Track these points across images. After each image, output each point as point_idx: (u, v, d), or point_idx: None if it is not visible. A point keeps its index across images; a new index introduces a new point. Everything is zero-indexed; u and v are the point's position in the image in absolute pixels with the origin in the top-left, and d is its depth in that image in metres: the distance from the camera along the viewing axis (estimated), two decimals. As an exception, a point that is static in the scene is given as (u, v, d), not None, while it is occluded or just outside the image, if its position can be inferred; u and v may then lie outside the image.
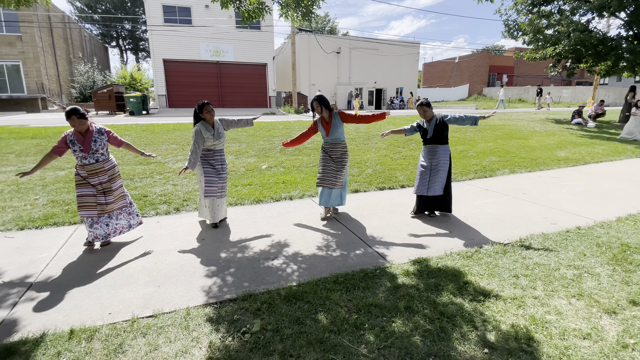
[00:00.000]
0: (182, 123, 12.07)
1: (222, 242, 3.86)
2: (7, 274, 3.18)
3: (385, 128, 11.70)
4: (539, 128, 13.20)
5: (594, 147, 10.00)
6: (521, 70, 44.39)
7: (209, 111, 4.11)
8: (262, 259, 3.46)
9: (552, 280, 3.01)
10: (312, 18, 5.27)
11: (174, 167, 6.99)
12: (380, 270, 3.17)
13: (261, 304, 2.63)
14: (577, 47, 14.24)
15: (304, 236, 4.03)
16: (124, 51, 50.92)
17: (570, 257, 3.41)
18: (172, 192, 5.58)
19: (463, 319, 2.47)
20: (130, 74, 29.08)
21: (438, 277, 3.05)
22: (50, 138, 8.96)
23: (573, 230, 4.10)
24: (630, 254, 3.47)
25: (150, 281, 3.01)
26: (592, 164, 8.05)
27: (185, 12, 22.97)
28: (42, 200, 5.14)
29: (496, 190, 5.90)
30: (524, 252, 3.53)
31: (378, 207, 5.03)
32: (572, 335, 2.34)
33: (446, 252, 3.55)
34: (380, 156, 8.31)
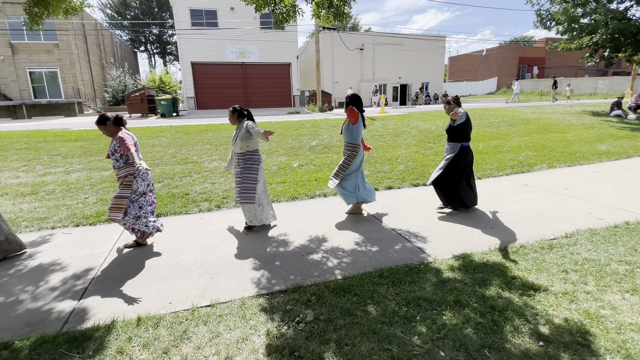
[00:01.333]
0: (213, 124, 12.42)
1: (265, 237, 4.00)
2: (71, 267, 3.43)
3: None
4: (576, 121, 12.70)
5: (637, 139, 9.54)
6: (553, 61, 42.65)
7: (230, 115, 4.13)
8: (305, 253, 3.57)
9: (604, 275, 2.95)
10: (343, 18, 5.31)
11: (210, 167, 7.24)
12: (424, 265, 3.21)
13: (310, 295, 2.73)
14: (616, 35, 13.57)
15: (342, 232, 4.11)
16: (152, 55, 52.70)
17: (621, 253, 3.32)
18: (211, 190, 5.79)
19: (514, 313, 2.47)
20: (159, 77, 30.14)
21: (484, 272, 3.05)
22: (92, 140, 9.46)
23: (621, 225, 3.98)
24: (686, 249, 3.34)
25: (203, 273, 3.18)
26: (635, 157, 7.70)
27: (212, 15, 23.53)
28: (92, 199, 5.47)
29: (535, 185, 5.77)
30: (572, 247, 3.47)
31: (414, 204, 5.04)
32: (629, 329, 2.30)
33: (490, 248, 3.53)
34: (411, 152, 8.27)
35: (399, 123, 12.05)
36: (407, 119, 13.15)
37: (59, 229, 4.40)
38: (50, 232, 4.32)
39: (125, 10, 46.55)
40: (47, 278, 3.23)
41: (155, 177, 6.51)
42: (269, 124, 12.24)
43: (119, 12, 46.14)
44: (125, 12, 46.51)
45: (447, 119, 12.70)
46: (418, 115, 13.98)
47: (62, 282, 3.15)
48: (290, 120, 13.55)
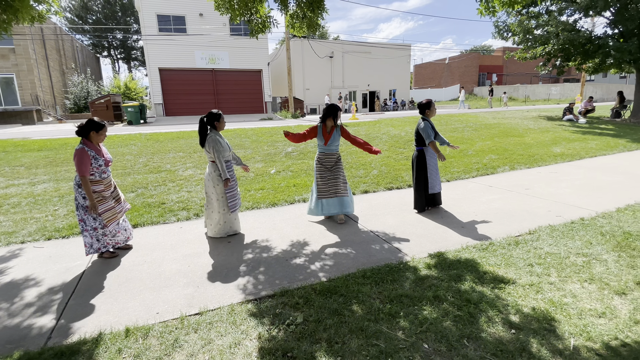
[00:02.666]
0: (184, 131, 12.20)
1: (248, 244, 4.03)
2: (48, 281, 3.31)
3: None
4: (533, 125, 13.56)
5: (587, 142, 10.35)
6: (510, 69, 45.19)
7: (224, 120, 4.10)
8: (289, 257, 3.64)
9: (564, 267, 3.23)
10: (316, 29, 5.46)
11: (184, 175, 7.13)
12: (403, 264, 3.37)
13: (298, 298, 2.81)
14: (566, 46, 14.68)
15: (324, 236, 4.21)
16: (116, 61, 50.82)
17: (578, 246, 3.64)
18: (188, 199, 5.72)
19: (488, 305, 2.67)
20: (124, 84, 29.12)
21: (458, 268, 3.25)
22: (57, 150, 9.04)
23: (577, 221, 4.34)
24: (632, 241, 3.71)
25: (189, 282, 3.17)
26: (587, 159, 8.35)
27: (180, 21, 23.13)
28: (62, 211, 5.26)
29: (500, 186, 6.14)
30: (535, 243, 3.76)
31: (390, 207, 5.23)
32: (589, 314, 2.55)
33: (462, 246, 3.76)
34: (384, 157, 8.53)
35: (371, 129, 12.37)
36: (377, 125, 13.52)
37: (29, 243, 4.21)
38: (20, 247, 4.12)
39: (87, 14, 44.71)
40: (22, 294, 3.10)
41: (128, 186, 6.34)
42: (242, 130, 12.19)
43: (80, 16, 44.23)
44: (86, 16, 44.65)
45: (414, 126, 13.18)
46: (388, 122, 14.41)
47: (38, 297, 3.04)
48: (264, 126, 13.55)
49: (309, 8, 4.86)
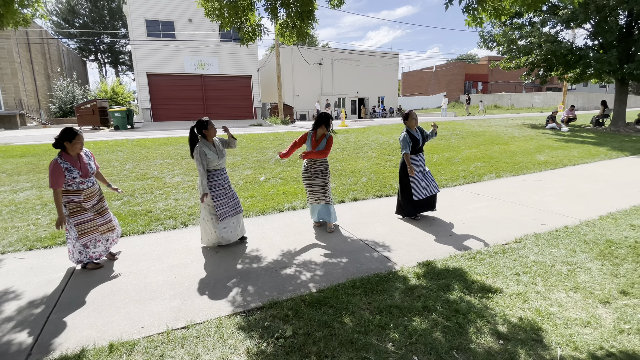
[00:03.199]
0: (172, 137, 12.03)
1: (237, 254, 3.97)
2: (28, 294, 3.19)
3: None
4: (517, 133, 13.83)
5: (570, 150, 10.60)
6: (495, 77, 46.15)
7: (214, 127, 3.99)
8: (278, 268, 3.60)
9: (550, 276, 3.27)
10: (306, 38, 5.47)
11: (172, 182, 7.02)
12: (392, 273, 3.36)
13: (288, 310, 2.77)
14: (549, 56, 15.08)
15: (313, 245, 4.18)
16: (103, 65, 50.09)
17: (563, 254, 3.70)
18: (175, 207, 5.63)
19: (476, 315, 2.67)
20: (111, 88, 28.67)
21: (446, 277, 3.26)
22: (41, 156, 8.81)
23: (562, 229, 4.42)
24: (615, 249, 3.78)
25: (175, 294, 3.10)
26: (569, 167, 8.54)
27: (169, 26, 22.96)
28: (45, 220, 5.11)
29: (486, 194, 6.22)
30: (521, 251, 3.80)
31: (379, 214, 5.24)
32: (574, 324, 2.58)
33: (450, 255, 3.77)
34: (373, 164, 8.57)
35: (360, 136, 12.43)
36: (366, 132, 13.60)
37: (9, 254, 4.07)
38: (0, 258, 3.98)
39: (74, 17, 44.03)
40: (0, 308, 2.98)
41: (114, 194, 6.20)
42: (231, 137, 12.09)
43: (67, 20, 43.54)
44: (73, 20, 43.97)
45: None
46: (376, 129, 14.51)
47: (18, 311, 2.92)
48: (253, 132, 13.49)
49: (299, 18, 4.87)
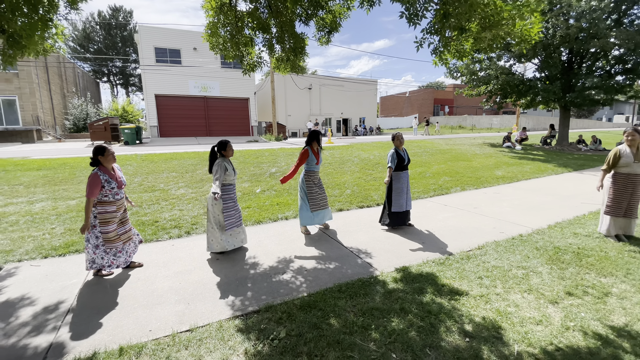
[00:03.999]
0: (178, 152, 11.90)
1: (235, 261, 3.93)
2: (43, 300, 3.08)
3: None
4: (479, 151, 14.19)
5: (523, 166, 10.92)
6: (459, 102, 47.40)
7: (231, 148, 4.06)
8: (273, 273, 3.58)
9: (508, 279, 3.35)
10: (299, 70, 5.55)
11: (177, 194, 6.92)
12: (373, 278, 3.39)
13: (282, 313, 2.75)
14: (504, 86, 15.62)
15: (304, 252, 4.18)
16: (114, 86, 49.36)
17: (518, 260, 3.80)
18: (180, 217, 5.55)
19: (446, 315, 2.72)
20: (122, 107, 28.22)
21: (420, 281, 3.30)
22: (56, 169, 8.57)
23: (517, 237, 4.54)
24: (561, 254, 3.91)
25: (180, 299, 3.04)
26: (523, 181, 8.80)
27: (176, 54, 22.88)
28: (59, 229, 4.96)
29: (453, 205, 6.34)
30: (483, 257, 3.88)
31: (361, 224, 5.28)
32: (529, 322, 2.65)
33: (423, 260, 3.83)
34: (356, 178, 8.65)
35: (344, 152, 12.54)
36: (350, 149, 13.73)
37: (26, 262, 3.92)
38: (17, 265, 3.83)
39: (89, 43, 43.47)
40: (17, 314, 2.87)
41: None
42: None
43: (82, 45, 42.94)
44: (88, 45, 43.40)
45: (382, 150, 13.49)
46: (359, 146, 14.66)
47: (34, 316, 2.82)
48: (250, 148, 13.45)
49: (292, 53, 4.95)
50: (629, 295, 3.05)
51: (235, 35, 4.68)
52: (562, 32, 13.38)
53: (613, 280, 3.31)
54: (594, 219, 5.33)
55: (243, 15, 4.64)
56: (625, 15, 13.68)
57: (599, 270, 3.52)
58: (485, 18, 2.87)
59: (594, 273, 3.46)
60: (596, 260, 3.75)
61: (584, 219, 5.31)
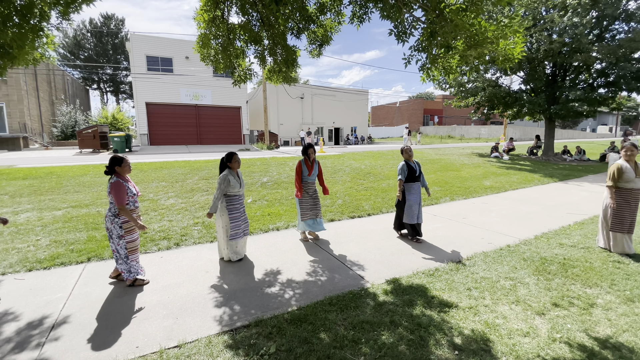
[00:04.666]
0: (168, 161, 11.80)
1: (225, 273, 3.89)
2: (27, 315, 3.00)
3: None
4: (467, 161, 14.43)
5: (510, 176, 11.14)
6: (448, 112, 48.28)
7: (237, 160, 4.14)
8: (263, 286, 3.55)
9: (496, 290, 3.39)
10: (291, 81, 5.62)
11: (166, 204, 6.84)
12: (364, 290, 3.39)
13: (271, 328, 2.73)
14: (491, 98, 16.01)
15: (295, 264, 4.16)
16: (104, 93, 48.85)
17: (506, 271, 3.85)
18: (169, 228, 5.48)
19: (435, 328, 2.73)
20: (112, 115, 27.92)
21: (410, 293, 3.32)
22: (42, 179, 8.40)
23: (505, 248, 4.61)
24: (547, 265, 3.98)
25: (168, 314, 2.99)
26: (510, 191, 8.97)
27: (167, 62, 22.86)
28: (45, 241, 4.84)
29: (442, 215, 6.42)
30: (472, 268, 3.93)
31: (352, 234, 5.29)
32: (516, 334, 2.68)
33: (413, 272, 3.85)
34: (347, 188, 8.69)
35: (335, 162, 12.61)
36: (341, 158, 13.81)
37: (9, 275, 3.81)
38: (0, 279, 3.73)
39: (79, 50, 43.09)
40: (0, 329, 2.78)
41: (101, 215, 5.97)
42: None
43: (72, 52, 42.54)
44: (78, 52, 43.01)
45: (374, 159, 13.61)
46: (350, 155, 14.76)
47: (17, 332, 2.74)
48: (242, 157, 13.41)
49: (284, 65, 5.01)
50: (614, 306, 3.12)
51: (226, 47, 4.73)
52: (545, 47, 13.85)
53: (598, 291, 3.38)
54: (579, 229, 5.45)
55: (235, 28, 4.70)
56: (607, 31, 14.26)
57: (584, 280, 3.59)
58: (471, 37, 2.98)
59: (579, 284, 3.53)
60: (581, 271, 3.83)
61: (570, 229, 5.43)
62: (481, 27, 3.01)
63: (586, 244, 4.70)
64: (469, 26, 2.97)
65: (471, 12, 2.97)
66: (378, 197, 7.82)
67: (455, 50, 3.25)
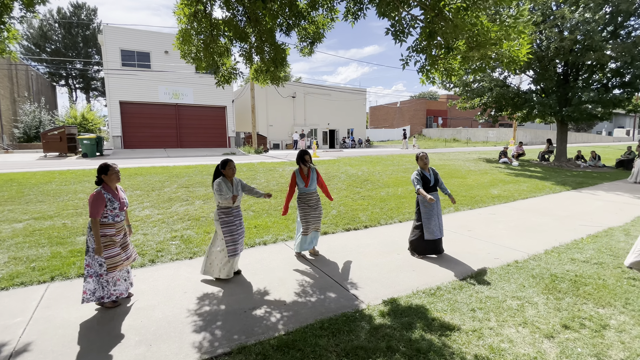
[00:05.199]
0: (143, 167, 11.74)
1: (205, 294, 3.88)
2: (-21, 344, 2.95)
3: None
4: (474, 167, 14.64)
5: (520, 184, 11.33)
6: (453, 113, 48.93)
7: (231, 168, 4.16)
8: (247, 309, 3.55)
9: (502, 311, 3.45)
10: (280, 81, 5.69)
11: (141, 215, 6.81)
12: (359, 312, 3.41)
13: (256, 355, 2.73)
14: (499, 98, 16.34)
15: (283, 283, 4.17)
16: (73, 90, 48.50)
17: (513, 289, 3.91)
18: (143, 243, 5.45)
19: (435, 354, 2.76)
20: (81, 114, 27.75)
21: (409, 315, 3.35)
22: (1, 187, 8.29)
23: (512, 264, 4.68)
24: (558, 283, 4.05)
25: (141, 340, 2.97)
26: (519, 200, 9.11)
27: (144, 57, 22.86)
28: (2, 258, 4.77)
29: (446, 228, 6.45)
30: (476, 286, 3.98)
31: (347, 249, 5.33)
32: (523, 359, 2.72)
33: (413, 291, 3.89)
34: (342, 197, 8.74)
35: (330, 168, 12.68)
36: (336, 164, 13.90)
37: (-40, 298, 3.75)
38: (-51, 303, 3.66)
39: (45, 42, 42.81)
40: (-53, 362, 2.73)
41: (79, 228, 5.92)
42: (202, 167, 11.97)
43: (38, 45, 42.25)
44: (44, 45, 42.73)
45: (372, 165, 13.72)
46: (346, 161, 14.86)
47: (-33, 365, 2.69)
48: (225, 163, 13.39)
49: (272, 64, 5.08)
50: (628, 327, 3.19)
51: (209, 44, 4.78)
52: (556, 44, 14.22)
53: (611, 311, 3.45)
54: (592, 242, 5.56)
55: (219, 23, 4.76)
56: (622, 27, 14.69)
57: (596, 300, 3.67)
58: (472, 38, 3.08)
59: (591, 303, 3.60)
60: (594, 289, 3.90)
61: (582, 243, 5.54)
62: (483, 27, 3.11)
63: (600, 259, 4.79)
64: (471, 26, 3.07)
65: (472, 12, 3.07)
66: (376, 207, 7.88)
67: (457, 51, 3.34)
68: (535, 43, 15.28)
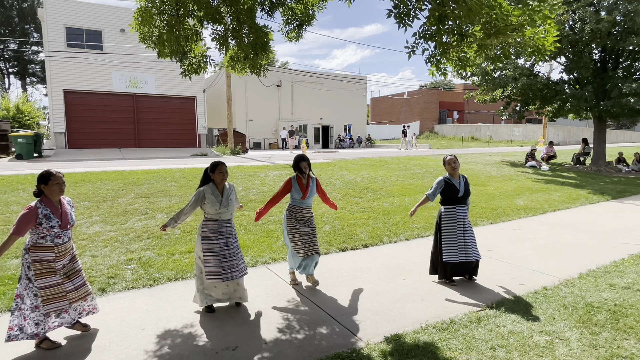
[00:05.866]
0: (93, 172, 11.64)
1: (168, 331, 3.86)
2: None
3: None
4: (496, 172, 14.85)
5: (550, 193, 11.52)
6: (472, 107, 49.62)
7: (221, 172, 4.14)
8: (220, 349, 3.54)
9: (527, 349, 3.50)
10: (261, 70, 5.72)
11: (89, 232, 6.75)
12: (356, 353, 3.43)
13: (229, 407, 2.72)
14: (525, 90, 16.65)
15: (264, 315, 4.17)
16: (6, 75, 47.96)
17: (541, 322, 3.98)
18: (92, 267, 5.40)
19: (448, 403, 2.79)
20: (15, 105, 27.48)
21: (416, 355, 3.38)
22: None
23: (540, 291, 4.76)
24: (594, 314, 4.13)
25: (87, 390, 2.94)
26: (549, 213, 9.27)
27: (95, 37, 22.78)
28: None
29: (462, 247, 6.56)
30: (498, 319, 4.04)
31: (343, 273, 5.35)
32: (552, 409, 2.77)
33: (421, 325, 3.92)
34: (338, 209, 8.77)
35: (323, 172, 12.74)
36: (331, 168, 13.97)
37: None
38: None
39: (-29, 17, 42.36)
40: None
41: (10, 250, 5.84)
42: (166, 171, 11.91)
43: (-38, 20, 41.78)
44: (-30, 20, 42.27)
45: (374, 169, 13.82)
46: (342, 164, 14.95)
47: None
48: (195, 166, 13.36)
49: (251, 50, 5.13)
50: (675, 367, 3.26)
51: (174, 26, 4.81)
52: (591, 26, 14.58)
53: (656, 348, 3.53)
54: (635, 264, 5.68)
55: (186, 1, 4.80)
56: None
57: (639, 334, 3.75)
58: (489, 23, 3.16)
59: (632, 338, 3.68)
60: (636, 321, 3.99)
61: (623, 265, 5.65)
62: (502, 10, 3.20)
63: (643, 284, 4.90)
64: (488, 9, 3.15)
65: (489, -8, 3.15)
66: (378, 222, 7.93)
67: (472, 39, 3.43)
68: (567, 25, 15.64)
